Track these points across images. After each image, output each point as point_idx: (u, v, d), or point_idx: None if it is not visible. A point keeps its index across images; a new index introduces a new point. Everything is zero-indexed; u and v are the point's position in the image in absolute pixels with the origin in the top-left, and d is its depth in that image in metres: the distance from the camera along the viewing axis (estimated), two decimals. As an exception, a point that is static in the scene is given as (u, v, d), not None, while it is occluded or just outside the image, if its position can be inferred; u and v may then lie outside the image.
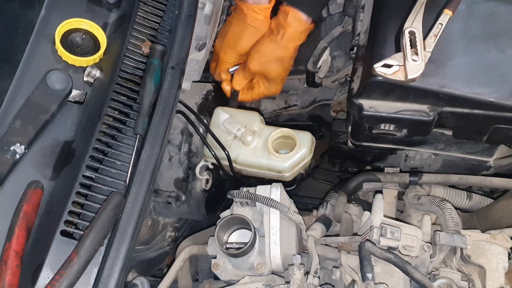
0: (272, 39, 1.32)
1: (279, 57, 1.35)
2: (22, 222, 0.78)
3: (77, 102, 0.95)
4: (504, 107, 1.04)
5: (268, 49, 1.33)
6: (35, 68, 0.93)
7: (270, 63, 1.36)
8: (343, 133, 1.51)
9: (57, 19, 0.96)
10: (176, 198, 1.27)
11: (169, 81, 1.00)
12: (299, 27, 1.31)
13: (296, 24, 1.30)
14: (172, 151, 1.28)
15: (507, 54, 1.06)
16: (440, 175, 1.25)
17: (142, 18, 1.05)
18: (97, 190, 0.88)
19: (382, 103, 1.13)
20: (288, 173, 1.26)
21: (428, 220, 1.10)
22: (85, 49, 0.98)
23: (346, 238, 1.10)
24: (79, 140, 0.92)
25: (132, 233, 0.86)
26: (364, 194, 1.37)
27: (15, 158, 0.85)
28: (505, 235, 1.08)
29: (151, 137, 0.94)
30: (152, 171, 0.91)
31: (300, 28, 1.31)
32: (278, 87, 1.47)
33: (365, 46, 1.19)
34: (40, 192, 0.84)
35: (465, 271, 1.04)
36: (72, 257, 0.78)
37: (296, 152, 1.23)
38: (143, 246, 1.34)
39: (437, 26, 1.04)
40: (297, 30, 1.31)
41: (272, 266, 1.09)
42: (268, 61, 1.35)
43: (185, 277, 1.29)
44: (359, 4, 1.32)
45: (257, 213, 1.12)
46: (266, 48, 1.33)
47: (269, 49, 1.33)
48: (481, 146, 1.25)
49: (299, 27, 1.31)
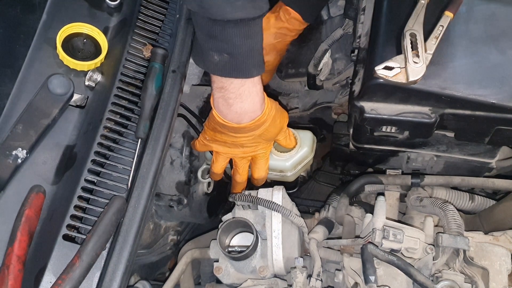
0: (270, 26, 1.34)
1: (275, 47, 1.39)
2: (24, 227, 0.78)
3: (78, 106, 0.96)
4: (505, 108, 1.04)
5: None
6: (37, 72, 0.93)
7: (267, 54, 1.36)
8: (344, 135, 1.51)
9: (58, 23, 0.97)
10: (178, 202, 1.27)
11: (170, 85, 1.00)
12: (299, 26, 1.35)
13: (296, 23, 1.34)
14: (174, 154, 1.28)
15: (508, 56, 1.06)
16: (442, 176, 1.25)
17: (143, 22, 1.05)
18: (99, 194, 0.89)
19: (383, 105, 1.13)
20: (290, 172, 1.26)
21: (431, 222, 1.10)
22: (86, 53, 0.98)
23: (348, 241, 1.09)
24: (81, 144, 0.92)
25: (134, 237, 0.86)
26: (366, 196, 1.37)
27: (17, 162, 0.85)
28: (508, 237, 1.07)
29: (153, 141, 0.94)
30: (154, 175, 0.91)
31: (301, 27, 1.36)
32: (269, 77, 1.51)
33: (366, 49, 1.19)
34: (42, 197, 0.84)
35: (468, 273, 1.04)
36: (74, 261, 0.78)
37: (298, 151, 1.23)
38: (145, 250, 1.34)
39: (438, 28, 1.05)
40: (297, 28, 1.35)
41: (275, 269, 1.08)
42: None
43: (187, 280, 1.29)
44: (359, 7, 1.32)
45: (259, 216, 1.12)
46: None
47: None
48: (483, 147, 1.24)
49: (299, 26, 1.36)
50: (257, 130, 1.09)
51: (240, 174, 1.23)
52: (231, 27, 0.90)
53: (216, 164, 1.23)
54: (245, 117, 1.05)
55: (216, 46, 0.94)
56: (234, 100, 1.02)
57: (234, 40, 0.92)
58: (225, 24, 0.90)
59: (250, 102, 1.03)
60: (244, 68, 0.98)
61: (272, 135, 1.15)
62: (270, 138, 1.17)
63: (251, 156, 1.20)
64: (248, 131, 1.09)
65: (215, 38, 0.93)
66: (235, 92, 1.01)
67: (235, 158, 1.21)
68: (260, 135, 1.11)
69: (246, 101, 1.02)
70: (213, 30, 0.91)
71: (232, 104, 1.03)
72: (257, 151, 1.18)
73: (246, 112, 1.04)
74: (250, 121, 1.05)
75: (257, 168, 1.22)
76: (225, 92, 1.02)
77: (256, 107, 1.05)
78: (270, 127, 1.11)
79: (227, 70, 0.98)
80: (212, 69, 1.00)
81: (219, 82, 1.01)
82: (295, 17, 1.33)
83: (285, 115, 1.18)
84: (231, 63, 0.96)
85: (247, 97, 1.02)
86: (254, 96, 1.03)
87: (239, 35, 0.92)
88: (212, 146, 1.19)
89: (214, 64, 0.97)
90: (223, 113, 1.05)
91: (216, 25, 0.90)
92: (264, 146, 1.18)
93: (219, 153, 1.20)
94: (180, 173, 1.28)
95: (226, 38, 0.92)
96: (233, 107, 1.03)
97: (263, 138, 1.14)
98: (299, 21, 1.34)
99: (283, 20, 1.34)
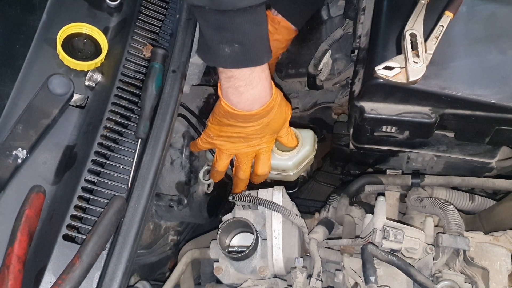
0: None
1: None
2: (24, 227, 0.78)
3: (78, 106, 0.96)
4: (506, 108, 1.04)
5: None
6: (37, 72, 0.93)
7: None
8: (344, 135, 1.51)
9: (58, 23, 0.97)
10: (178, 202, 1.27)
11: (170, 85, 1.00)
12: (288, 35, 1.37)
13: (286, 33, 1.35)
14: (174, 154, 1.28)
15: (509, 56, 1.06)
16: (442, 177, 1.25)
17: (143, 22, 1.05)
18: (99, 194, 0.89)
19: (383, 106, 1.13)
20: (292, 171, 1.26)
21: (431, 222, 1.10)
22: (87, 53, 0.98)
23: (348, 241, 1.09)
24: (81, 144, 0.92)
25: (134, 237, 0.86)
26: (366, 196, 1.37)
27: (17, 162, 0.85)
28: (508, 237, 1.07)
29: (153, 141, 0.94)
30: (154, 175, 0.91)
31: (290, 36, 1.38)
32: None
33: (366, 49, 1.19)
34: (42, 197, 0.84)
35: (468, 273, 1.04)
36: (74, 261, 0.78)
37: (300, 150, 1.24)
38: (145, 250, 1.34)
39: (438, 28, 1.05)
40: (286, 38, 1.37)
41: (275, 269, 1.08)
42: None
43: (187, 281, 1.29)
44: (359, 7, 1.32)
45: (259, 216, 1.12)
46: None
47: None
48: (483, 147, 1.24)
49: (289, 36, 1.37)
50: (265, 118, 1.09)
51: (243, 170, 1.23)
52: (240, 16, 0.91)
53: (219, 162, 1.22)
54: (256, 103, 1.05)
55: (226, 37, 0.94)
56: (245, 88, 1.02)
57: (244, 28, 0.93)
58: (234, 13, 0.90)
59: (261, 88, 1.04)
60: (255, 55, 0.98)
61: (278, 125, 1.16)
62: (276, 129, 1.17)
63: (255, 152, 1.20)
64: (258, 118, 1.08)
65: (224, 30, 0.93)
66: (245, 80, 1.01)
67: (239, 155, 1.20)
68: (268, 124, 1.11)
69: (256, 88, 1.03)
70: (222, 21, 0.92)
71: (243, 92, 1.03)
72: (261, 145, 1.18)
73: (257, 98, 1.04)
74: (260, 107, 1.06)
75: (261, 164, 1.22)
76: (234, 81, 1.01)
77: (266, 92, 1.05)
78: (277, 113, 1.11)
79: (239, 60, 0.98)
80: (223, 63, 0.99)
81: (228, 72, 1.01)
82: (285, 26, 1.32)
83: (289, 105, 1.19)
84: (243, 53, 0.96)
85: (257, 84, 1.02)
86: (264, 82, 1.04)
87: (248, 23, 0.93)
88: (215, 143, 1.19)
89: (225, 57, 0.97)
90: (234, 102, 1.05)
91: (225, 16, 0.90)
92: (268, 139, 1.18)
93: (222, 150, 1.19)
94: (180, 173, 1.28)
95: (236, 28, 0.92)
96: (244, 95, 1.03)
97: (270, 128, 1.14)
98: (289, 29, 1.33)
99: (272, 32, 1.33)
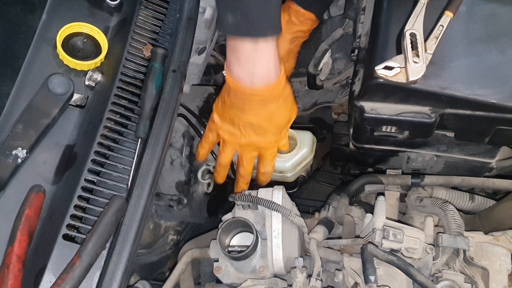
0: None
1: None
2: (24, 226, 0.78)
3: (78, 106, 0.96)
4: (506, 108, 1.04)
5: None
6: (37, 72, 0.93)
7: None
8: (344, 135, 1.51)
9: (58, 23, 0.97)
10: (178, 202, 1.27)
11: (170, 85, 1.00)
12: (312, 25, 1.37)
13: (310, 24, 1.35)
14: (174, 154, 1.28)
15: (509, 55, 1.06)
16: (442, 176, 1.25)
17: (143, 22, 1.05)
18: (99, 193, 0.88)
19: (383, 105, 1.13)
20: (290, 173, 1.26)
21: (431, 222, 1.10)
22: (87, 53, 0.98)
23: (348, 241, 1.09)
24: (81, 144, 0.92)
25: (134, 236, 0.86)
26: (366, 196, 1.37)
27: (17, 162, 0.85)
28: (508, 237, 1.07)
29: (153, 141, 0.94)
30: (154, 175, 0.91)
31: (313, 26, 1.38)
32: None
33: (366, 48, 1.19)
34: (42, 196, 0.84)
35: (468, 273, 1.04)
36: (74, 261, 0.78)
37: (298, 152, 1.24)
38: (145, 250, 1.33)
39: (438, 28, 1.05)
40: (310, 29, 1.37)
41: (275, 269, 1.08)
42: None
43: (187, 280, 1.29)
44: (359, 6, 1.32)
45: (259, 216, 1.12)
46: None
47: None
48: (483, 147, 1.24)
49: (312, 26, 1.37)
50: (269, 104, 1.08)
51: (244, 166, 1.21)
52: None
53: (222, 154, 1.20)
54: (256, 79, 1.03)
55: (231, 5, 0.95)
56: (247, 60, 1.01)
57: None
58: None
59: (264, 64, 1.01)
60: (257, 26, 0.97)
61: (282, 121, 1.14)
62: (279, 126, 1.14)
63: (257, 150, 1.19)
64: (260, 101, 1.07)
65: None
66: (247, 52, 1.00)
67: (241, 150, 1.19)
68: (271, 116, 1.10)
69: (259, 63, 1.01)
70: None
71: (245, 63, 1.01)
72: (263, 144, 1.16)
73: (258, 74, 1.02)
74: (262, 85, 1.03)
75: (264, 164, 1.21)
76: (237, 53, 1.01)
77: (269, 71, 1.03)
78: (283, 106, 1.10)
79: (241, 29, 0.97)
80: (226, 29, 0.99)
81: (232, 42, 1.01)
82: (309, 18, 1.33)
83: (295, 106, 1.17)
84: (244, 21, 0.96)
85: (260, 59, 1.01)
86: (268, 59, 1.01)
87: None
88: (219, 132, 1.17)
89: (229, 25, 0.97)
90: (235, 73, 1.03)
91: None
92: (270, 139, 1.16)
93: (226, 141, 1.18)
94: (180, 173, 1.28)
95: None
96: (245, 67, 1.02)
97: (273, 124, 1.12)
98: (313, 20, 1.34)
99: (297, 24, 1.34)
